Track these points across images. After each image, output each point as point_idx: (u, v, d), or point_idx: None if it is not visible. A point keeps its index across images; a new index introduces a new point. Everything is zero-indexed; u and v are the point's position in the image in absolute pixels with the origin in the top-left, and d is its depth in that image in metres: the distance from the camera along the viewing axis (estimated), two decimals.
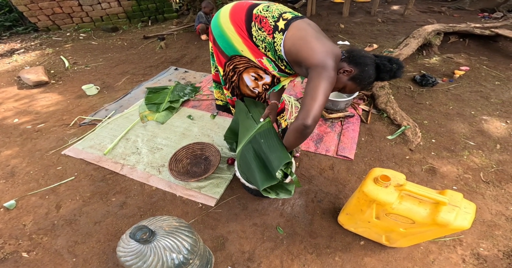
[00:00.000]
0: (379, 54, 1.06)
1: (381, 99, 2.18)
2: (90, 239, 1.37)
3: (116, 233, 1.40)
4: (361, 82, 1.03)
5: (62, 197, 1.60)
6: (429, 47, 3.16)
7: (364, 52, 1.04)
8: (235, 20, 1.10)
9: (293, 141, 1.05)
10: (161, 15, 5.18)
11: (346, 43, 3.64)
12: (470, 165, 1.68)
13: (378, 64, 1.00)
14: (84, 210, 1.52)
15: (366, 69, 1.00)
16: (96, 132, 2.11)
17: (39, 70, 2.99)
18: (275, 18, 1.03)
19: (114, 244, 1.34)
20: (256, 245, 1.32)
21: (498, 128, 1.95)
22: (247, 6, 1.10)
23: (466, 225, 0.85)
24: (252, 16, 1.06)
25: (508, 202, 1.45)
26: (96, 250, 1.32)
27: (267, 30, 1.03)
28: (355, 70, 1.02)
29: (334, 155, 1.79)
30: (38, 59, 3.58)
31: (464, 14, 4.51)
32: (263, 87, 1.32)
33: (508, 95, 2.33)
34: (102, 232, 1.40)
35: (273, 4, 1.09)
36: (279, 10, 1.06)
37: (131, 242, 0.87)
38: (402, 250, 1.25)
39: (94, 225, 1.44)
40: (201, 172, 1.72)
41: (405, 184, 0.92)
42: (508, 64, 2.89)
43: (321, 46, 0.95)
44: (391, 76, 1.01)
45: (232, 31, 1.12)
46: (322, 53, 0.94)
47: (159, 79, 2.92)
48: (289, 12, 1.06)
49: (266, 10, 1.05)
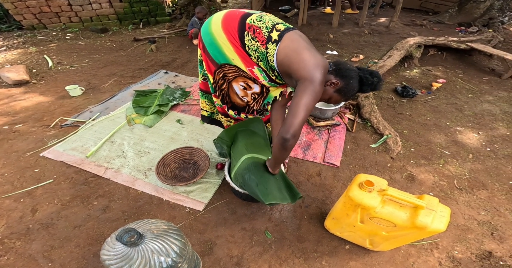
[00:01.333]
0: (361, 67, 1.14)
1: (365, 109, 2.29)
2: (68, 244, 1.32)
3: (98, 237, 1.35)
4: (345, 94, 1.10)
5: (38, 200, 1.53)
6: (410, 59, 3.34)
7: (350, 65, 1.10)
8: (227, 28, 1.10)
9: (278, 154, 1.12)
10: (153, 18, 5.15)
11: (334, 53, 3.79)
12: (445, 172, 1.79)
13: (361, 78, 1.07)
14: (63, 213, 1.46)
15: (351, 82, 1.06)
16: (78, 134, 2.04)
17: (21, 69, 2.86)
18: (268, 29, 1.05)
19: (95, 249, 1.29)
20: (244, 250, 1.32)
21: (470, 139, 2.11)
22: (240, 15, 1.11)
23: (442, 228, 0.91)
24: (245, 26, 1.08)
25: (480, 207, 1.56)
26: (74, 255, 1.27)
27: (260, 40, 1.05)
28: (341, 83, 1.07)
29: (321, 162, 1.84)
30: (20, 58, 3.43)
31: (443, 28, 4.80)
32: (251, 96, 1.33)
33: (480, 108, 2.53)
34: (82, 237, 1.35)
35: (266, 15, 1.12)
36: (272, 21, 1.08)
37: (117, 245, 0.85)
38: (385, 254, 1.30)
39: (73, 229, 1.38)
40: (189, 176, 1.71)
41: (387, 189, 0.97)
42: (481, 78, 3.12)
43: (312, 59, 0.99)
44: (372, 89, 1.09)
45: (224, 39, 1.12)
46: (312, 65, 0.97)
47: (148, 82, 2.89)
48: (281, 23, 1.09)
49: (259, 20, 1.07)
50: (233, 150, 1.46)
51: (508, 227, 1.45)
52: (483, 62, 3.49)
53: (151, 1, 4.88)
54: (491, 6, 4.66)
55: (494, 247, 1.35)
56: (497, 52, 3.19)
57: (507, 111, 2.46)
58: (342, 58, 3.64)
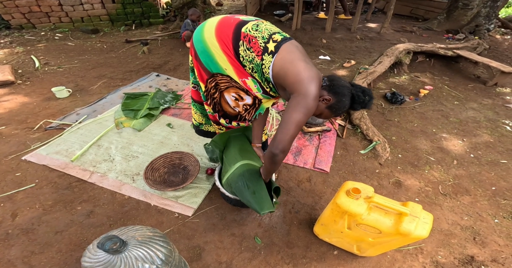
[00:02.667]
0: (354, 83, 1.12)
1: (356, 115, 2.34)
2: (49, 249, 1.28)
3: (81, 243, 1.32)
4: (336, 111, 1.08)
5: (19, 205, 1.48)
6: (399, 66, 3.42)
7: (343, 81, 1.08)
8: (221, 36, 1.05)
9: (268, 166, 1.16)
10: (147, 20, 5.11)
11: (327, 58, 3.85)
12: (431, 178, 1.84)
13: (353, 95, 1.05)
14: (44, 218, 1.42)
15: (343, 100, 1.04)
16: (63, 138, 1.98)
17: (6, 69, 2.77)
18: (265, 39, 1.01)
19: (78, 254, 1.26)
20: (233, 256, 1.31)
21: (455, 146, 2.18)
22: (235, 23, 1.05)
23: (425, 234, 0.93)
24: (241, 35, 1.03)
25: (463, 212, 1.60)
26: (56, 261, 1.24)
27: (256, 51, 1.01)
28: (333, 99, 1.05)
29: (312, 168, 1.86)
30: (5, 58, 3.33)
31: (432, 35, 4.93)
32: (243, 107, 1.29)
33: (465, 115, 2.62)
34: (64, 242, 1.32)
35: (262, 23, 1.08)
36: (268, 31, 1.04)
37: (99, 252, 0.83)
38: (372, 259, 1.32)
39: (55, 235, 1.34)
40: (178, 181, 1.68)
41: (373, 196, 0.99)
42: (466, 85, 3.23)
43: (307, 72, 0.96)
44: (362, 107, 1.07)
45: (217, 48, 1.07)
46: (307, 79, 0.95)
47: (139, 85, 2.86)
48: (278, 33, 1.05)
49: (255, 30, 1.02)
50: (226, 154, 1.46)
51: (490, 231, 1.49)
52: (469, 69, 3.61)
53: (145, 3, 4.85)
54: (478, 14, 4.76)
55: (476, 252, 1.38)
56: (482, 59, 3.30)
57: (491, 119, 2.55)
58: (334, 63, 3.70)
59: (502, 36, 5.05)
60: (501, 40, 4.87)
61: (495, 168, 1.95)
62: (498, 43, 4.68)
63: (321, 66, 3.60)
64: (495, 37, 4.94)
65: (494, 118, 2.57)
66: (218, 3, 6.80)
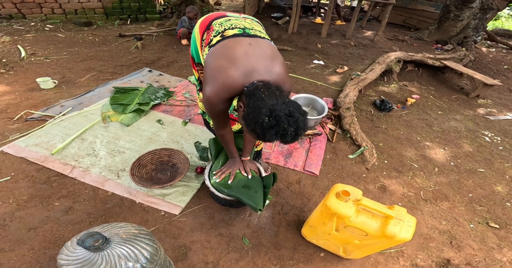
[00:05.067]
0: (291, 101, 0.84)
1: (346, 120, 2.39)
2: (20, 247, 1.21)
3: (56, 240, 1.26)
4: (248, 126, 0.83)
5: None
6: (389, 74, 3.52)
7: (272, 89, 0.84)
8: (201, 28, 1.11)
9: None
10: (143, 15, 5.02)
11: (321, 63, 3.91)
12: (413, 184, 1.91)
13: (271, 116, 0.77)
14: (18, 214, 1.34)
15: (251, 117, 0.80)
16: (45, 129, 1.89)
17: None
18: (217, 33, 0.99)
19: (52, 253, 1.20)
20: (220, 256, 1.29)
21: (437, 154, 2.27)
22: (214, 16, 1.10)
23: (408, 237, 0.96)
24: (210, 27, 1.06)
25: (442, 217, 1.67)
26: (27, 258, 1.17)
27: (205, 43, 1.04)
28: (246, 109, 0.85)
29: (302, 170, 1.87)
30: None
31: (422, 44, 5.10)
32: None
33: (448, 124, 2.74)
34: (38, 239, 1.25)
35: (237, 20, 1.05)
36: (231, 25, 0.99)
37: (78, 249, 0.79)
38: (356, 262, 1.34)
39: (28, 232, 1.27)
40: (166, 179, 1.65)
41: (362, 199, 1.01)
42: (450, 96, 3.37)
43: (216, 72, 0.89)
44: (279, 138, 0.79)
45: (197, 38, 1.15)
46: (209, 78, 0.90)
47: (130, 79, 2.78)
48: (238, 29, 0.97)
49: (220, 24, 1.02)
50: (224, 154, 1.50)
51: (466, 236, 1.56)
52: (454, 80, 3.77)
53: None
54: (467, 25, 4.90)
55: (452, 255, 1.44)
56: (467, 71, 3.45)
57: (471, 129, 2.68)
58: (328, 68, 3.77)
59: (487, 49, 5.28)
60: (486, 52, 5.10)
61: (473, 176, 2.05)
62: (483, 55, 4.90)
63: (315, 70, 3.66)
64: (481, 49, 5.14)
65: (474, 129, 2.70)
66: (216, 3, 6.78)
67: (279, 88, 0.87)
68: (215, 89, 0.91)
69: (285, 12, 6.10)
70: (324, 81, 3.32)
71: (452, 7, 4.83)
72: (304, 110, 0.85)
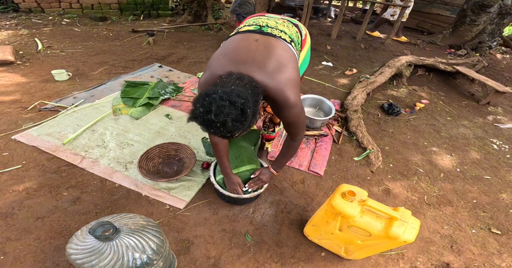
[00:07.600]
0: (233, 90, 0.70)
1: (353, 122, 2.38)
2: (27, 236, 1.24)
3: (62, 230, 1.28)
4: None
5: (1, 187, 1.43)
6: (399, 78, 3.45)
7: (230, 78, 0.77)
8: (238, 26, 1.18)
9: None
10: (155, 11, 5.10)
11: (329, 65, 3.90)
12: (418, 188, 1.90)
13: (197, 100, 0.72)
14: (26, 203, 1.37)
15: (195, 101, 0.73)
16: (57, 120, 1.94)
17: (7, 49, 2.72)
18: (238, 29, 1.06)
19: (58, 243, 1.23)
20: (222, 251, 1.31)
21: (444, 160, 2.25)
22: (254, 15, 1.18)
23: (412, 239, 0.96)
24: None
25: (444, 222, 1.66)
26: (32, 248, 1.19)
27: None
28: None
29: (306, 170, 1.88)
30: (9, 39, 3.28)
31: (435, 49, 4.96)
32: None
33: (456, 131, 2.70)
34: (44, 229, 1.27)
35: (268, 19, 1.07)
36: (253, 22, 1.04)
37: (88, 238, 0.81)
38: (356, 262, 1.35)
39: (35, 221, 1.30)
40: (172, 173, 1.68)
41: (367, 200, 1.02)
42: (460, 102, 3.31)
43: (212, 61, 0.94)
44: (200, 124, 0.73)
45: None
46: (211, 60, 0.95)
47: (141, 74, 2.83)
48: (257, 26, 0.99)
49: (248, 21, 1.10)
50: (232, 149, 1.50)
51: (466, 241, 1.55)
52: (465, 86, 3.69)
53: None
54: (483, 30, 4.72)
55: (452, 259, 1.44)
56: (479, 77, 3.35)
57: (480, 137, 2.64)
58: (336, 70, 3.75)
59: (502, 55, 5.11)
60: (500, 58, 4.95)
61: (479, 182, 2.02)
62: (496, 61, 4.76)
63: (323, 72, 3.65)
64: (495, 55, 4.98)
65: (482, 136, 2.66)
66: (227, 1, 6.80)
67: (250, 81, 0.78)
68: (204, 78, 0.94)
69: (296, 12, 6.09)
70: (332, 83, 3.31)
71: (469, 11, 4.69)
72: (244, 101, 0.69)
